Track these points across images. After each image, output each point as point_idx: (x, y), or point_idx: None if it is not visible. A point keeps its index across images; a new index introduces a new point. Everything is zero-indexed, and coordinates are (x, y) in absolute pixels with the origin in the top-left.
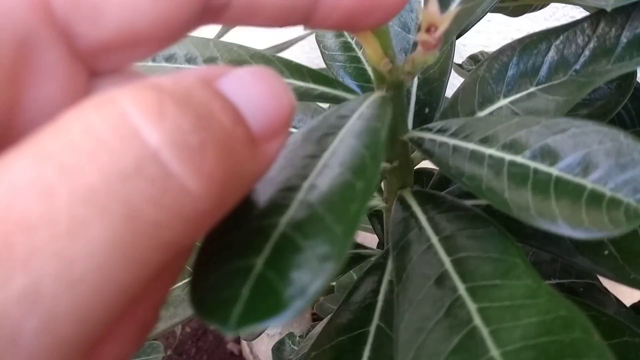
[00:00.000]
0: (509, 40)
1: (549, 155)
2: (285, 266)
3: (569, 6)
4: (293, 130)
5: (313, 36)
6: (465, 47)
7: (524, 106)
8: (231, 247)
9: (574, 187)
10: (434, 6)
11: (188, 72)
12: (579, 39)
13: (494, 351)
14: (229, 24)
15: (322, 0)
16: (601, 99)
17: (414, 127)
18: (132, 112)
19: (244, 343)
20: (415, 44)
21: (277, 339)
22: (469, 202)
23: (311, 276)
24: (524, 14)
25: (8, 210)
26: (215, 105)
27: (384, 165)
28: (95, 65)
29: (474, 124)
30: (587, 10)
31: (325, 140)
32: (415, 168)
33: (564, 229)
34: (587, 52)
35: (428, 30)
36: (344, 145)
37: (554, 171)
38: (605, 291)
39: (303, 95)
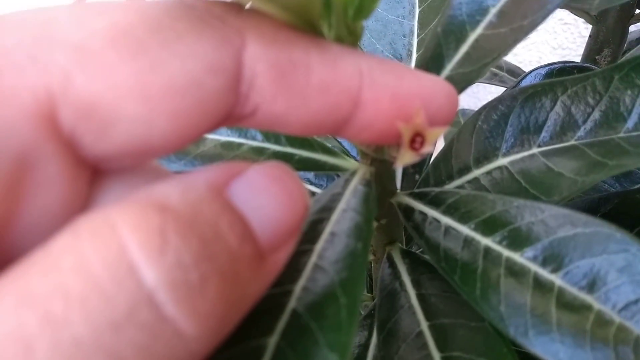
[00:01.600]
0: None
1: (552, 258)
2: None
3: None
4: None
5: None
6: None
7: (525, 170)
8: None
9: (579, 305)
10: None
11: (200, 174)
12: (589, 96)
13: None
14: (253, 128)
15: (353, 122)
16: None
17: (403, 178)
18: (130, 245)
19: None
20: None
21: None
22: None
23: None
24: None
25: None
26: (222, 223)
27: None
28: (101, 167)
29: (471, 201)
30: (574, 13)
31: (312, 235)
32: None
33: None
34: (597, 114)
35: (413, 141)
36: (333, 245)
37: (557, 280)
38: None
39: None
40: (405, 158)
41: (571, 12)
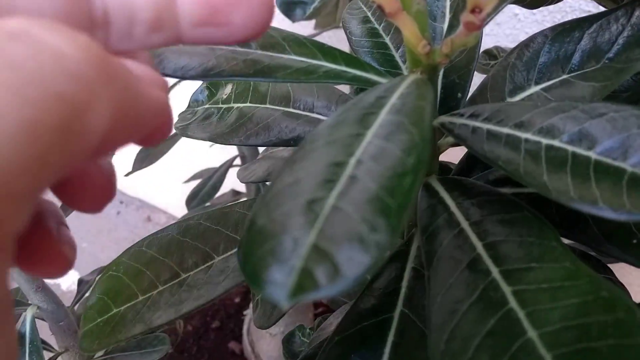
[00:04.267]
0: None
1: (587, 139)
2: (339, 237)
3: (577, 10)
4: (320, 117)
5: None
6: None
7: (557, 93)
8: (282, 221)
9: (614, 170)
10: None
11: None
12: (613, 27)
13: (532, 332)
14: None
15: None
16: (627, 91)
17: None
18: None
19: (245, 342)
20: (450, 28)
21: (279, 338)
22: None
23: (364, 249)
24: (540, 6)
25: None
26: None
27: None
28: None
29: (508, 109)
30: (602, 5)
31: (367, 119)
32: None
33: (605, 212)
34: (620, 41)
35: (473, 11)
36: (388, 123)
37: (593, 155)
38: (622, 286)
39: (336, 78)
40: (468, 17)
41: (599, 3)
